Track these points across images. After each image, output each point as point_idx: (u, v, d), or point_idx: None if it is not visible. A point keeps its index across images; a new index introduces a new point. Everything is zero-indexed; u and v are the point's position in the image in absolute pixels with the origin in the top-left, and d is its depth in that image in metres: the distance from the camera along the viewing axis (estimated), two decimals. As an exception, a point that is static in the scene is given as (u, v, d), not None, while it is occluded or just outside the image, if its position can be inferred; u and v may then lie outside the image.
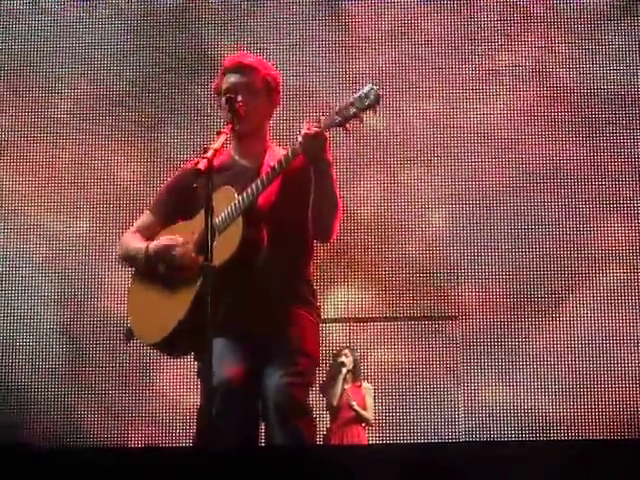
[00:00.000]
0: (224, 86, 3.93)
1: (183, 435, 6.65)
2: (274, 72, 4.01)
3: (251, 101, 3.87)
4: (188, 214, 3.86)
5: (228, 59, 4.01)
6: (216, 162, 3.52)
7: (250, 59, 4.00)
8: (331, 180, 3.73)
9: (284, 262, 3.78)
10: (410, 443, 6.09)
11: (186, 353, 3.93)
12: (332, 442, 6.74)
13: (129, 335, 3.96)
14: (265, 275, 3.70)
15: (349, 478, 2.86)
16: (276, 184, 3.77)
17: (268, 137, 4.01)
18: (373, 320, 7.40)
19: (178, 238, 3.81)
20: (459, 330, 7.22)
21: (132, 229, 4.05)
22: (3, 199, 7.54)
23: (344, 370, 7.00)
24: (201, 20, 7.75)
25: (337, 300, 7.24)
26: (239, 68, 3.94)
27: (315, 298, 3.92)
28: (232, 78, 3.93)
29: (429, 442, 6.45)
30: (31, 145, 7.58)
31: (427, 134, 7.48)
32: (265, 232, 3.72)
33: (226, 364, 3.61)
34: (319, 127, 3.63)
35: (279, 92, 4.01)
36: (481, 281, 7.31)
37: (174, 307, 3.76)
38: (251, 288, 3.71)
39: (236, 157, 3.96)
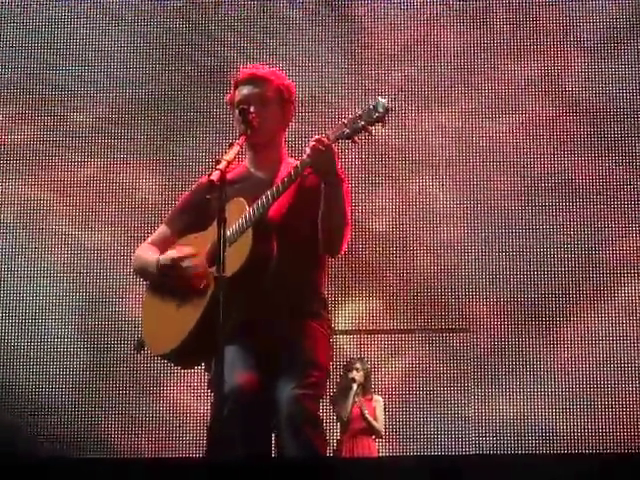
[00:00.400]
0: (237, 98, 3.94)
1: (195, 445, 6.66)
2: (288, 82, 4.01)
3: (264, 112, 3.86)
4: (202, 226, 3.86)
5: (241, 72, 4.02)
6: (231, 174, 3.53)
7: (263, 71, 4.00)
8: (341, 195, 3.72)
9: (295, 274, 3.77)
10: (420, 455, 6.07)
11: (196, 364, 3.94)
12: (342, 454, 6.72)
13: (139, 346, 3.97)
14: (275, 286, 3.70)
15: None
16: (288, 196, 3.77)
17: (283, 149, 4.01)
18: (384, 332, 7.38)
19: (188, 249, 3.81)
20: (470, 342, 7.20)
21: (147, 242, 4.07)
22: (27, 210, 7.60)
23: (355, 386, 6.97)
24: (216, 37, 7.79)
25: (348, 312, 7.24)
26: (252, 80, 3.94)
27: (326, 310, 3.92)
28: (245, 90, 3.93)
29: (439, 454, 6.42)
30: (53, 159, 7.64)
31: (439, 147, 7.46)
32: (275, 244, 3.72)
33: (237, 372, 3.60)
34: (328, 140, 3.63)
35: (293, 102, 4.01)
36: (492, 293, 7.29)
37: (185, 318, 3.76)
38: (261, 300, 3.71)
39: (251, 169, 3.97)
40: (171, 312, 3.84)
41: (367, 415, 6.90)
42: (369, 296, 7.39)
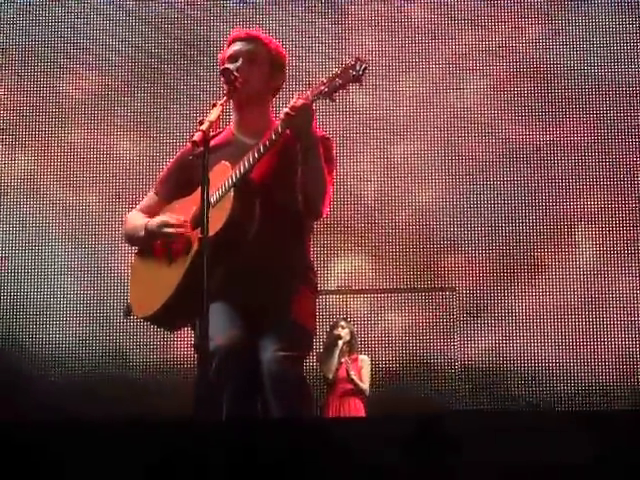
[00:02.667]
0: (227, 55, 3.86)
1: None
2: (281, 49, 3.94)
3: (251, 69, 3.79)
4: (188, 191, 3.80)
5: (236, 30, 3.94)
6: (216, 139, 3.47)
7: (257, 32, 3.93)
8: (317, 155, 3.65)
9: (279, 235, 3.71)
10: (407, 414, 6.03)
11: (180, 326, 3.89)
12: (329, 414, 6.70)
13: (127, 311, 3.92)
14: (259, 248, 3.63)
15: (348, 450, 2.80)
16: (271, 158, 3.71)
17: (271, 114, 3.92)
18: (369, 292, 7.39)
19: (174, 215, 3.75)
20: (454, 300, 7.25)
21: (136, 209, 4.01)
22: (20, 175, 7.67)
23: (340, 343, 6.94)
24: (201, 11, 7.79)
25: (334, 272, 7.26)
26: (245, 38, 3.88)
27: (312, 272, 3.87)
28: (236, 46, 3.86)
29: (427, 413, 6.40)
30: (43, 127, 7.72)
31: (414, 111, 7.58)
32: (258, 206, 3.65)
33: (223, 330, 3.55)
34: (307, 99, 3.56)
35: (284, 70, 3.93)
36: (471, 251, 7.42)
37: (168, 280, 3.71)
38: (244, 261, 3.65)
39: (237, 133, 3.89)
40: (155, 276, 3.80)
41: (353, 375, 6.87)
42: (354, 257, 7.42)
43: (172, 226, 3.71)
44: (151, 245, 3.82)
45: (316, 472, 2.80)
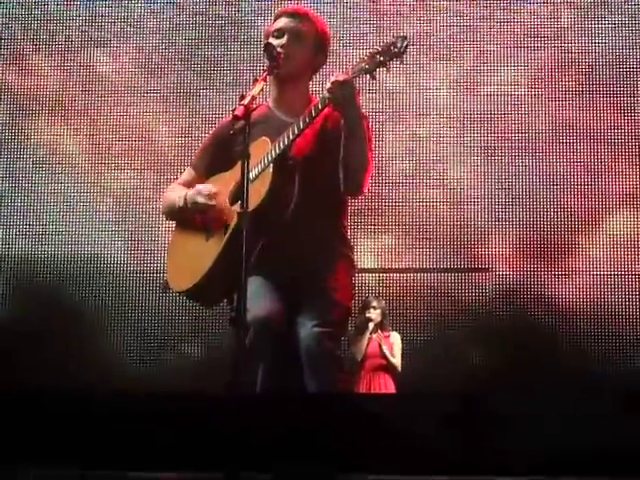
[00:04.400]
0: (273, 28, 3.83)
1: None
2: (327, 29, 3.89)
3: (295, 45, 3.76)
4: (226, 166, 3.77)
5: (285, 6, 3.91)
6: (255, 114, 3.42)
7: (306, 9, 3.89)
8: (361, 132, 3.61)
9: (318, 212, 3.68)
10: (437, 392, 6.01)
11: (218, 301, 3.85)
12: (360, 390, 6.68)
13: (165, 287, 3.90)
14: (297, 223, 3.61)
15: (381, 426, 2.79)
16: (311, 135, 3.69)
17: (309, 92, 3.88)
18: (403, 271, 7.36)
19: (211, 187, 3.72)
20: (488, 281, 7.23)
21: (174, 183, 3.99)
22: (56, 153, 7.64)
23: (371, 325, 6.91)
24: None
25: (366, 251, 7.24)
26: (293, 13, 3.84)
27: (349, 249, 3.84)
28: (283, 22, 3.82)
29: (458, 391, 6.38)
30: (84, 104, 7.68)
31: (448, 92, 7.52)
32: (297, 181, 3.63)
33: (262, 303, 3.53)
34: (347, 75, 3.51)
35: (326, 51, 3.89)
36: (505, 232, 7.35)
37: (206, 255, 3.69)
38: (282, 236, 3.63)
39: (274, 109, 3.85)
40: (193, 250, 3.77)
41: (385, 350, 6.84)
42: (388, 236, 7.39)
43: (212, 199, 3.68)
44: (189, 220, 3.79)
45: (350, 447, 2.79)
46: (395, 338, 6.94)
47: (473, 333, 7.00)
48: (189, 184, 3.88)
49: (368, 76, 3.51)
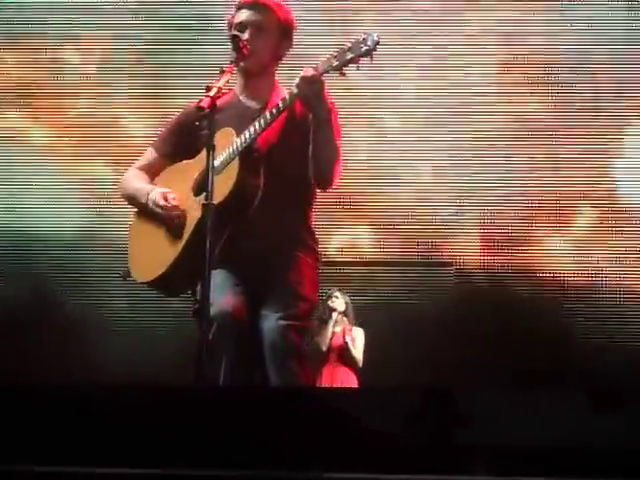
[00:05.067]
0: (236, 21, 3.78)
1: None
2: (289, 16, 3.84)
3: (259, 39, 3.71)
4: (189, 153, 3.73)
5: None
6: (220, 101, 3.38)
7: None
8: (330, 127, 3.59)
9: (283, 205, 3.65)
10: (401, 385, 6.00)
11: (181, 291, 3.81)
12: (321, 383, 6.65)
13: (125, 274, 3.86)
14: (263, 217, 3.57)
15: (344, 421, 2.76)
16: (277, 127, 3.65)
17: (275, 79, 3.86)
18: (366, 264, 7.35)
19: (173, 195, 3.69)
20: (451, 275, 7.24)
21: (135, 166, 3.94)
22: (30, 146, 7.66)
23: (334, 315, 6.89)
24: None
25: (331, 243, 7.23)
26: (254, 4, 3.77)
27: (315, 242, 3.82)
28: (244, 15, 3.76)
29: (422, 383, 6.37)
30: (53, 98, 7.68)
31: (414, 86, 7.55)
32: (262, 175, 3.59)
33: (225, 296, 3.49)
34: (317, 71, 3.48)
35: (291, 37, 3.84)
36: (469, 227, 7.40)
37: (170, 245, 3.66)
38: (246, 228, 3.58)
39: (241, 97, 3.82)
40: (157, 239, 3.73)
41: (349, 342, 6.81)
42: (353, 228, 7.38)
43: (168, 209, 3.66)
44: (151, 210, 3.75)
45: (312, 443, 2.76)
46: (358, 332, 6.92)
47: (438, 327, 6.98)
48: (151, 168, 3.86)
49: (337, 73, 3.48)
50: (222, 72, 3.47)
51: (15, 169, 7.63)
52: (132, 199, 3.86)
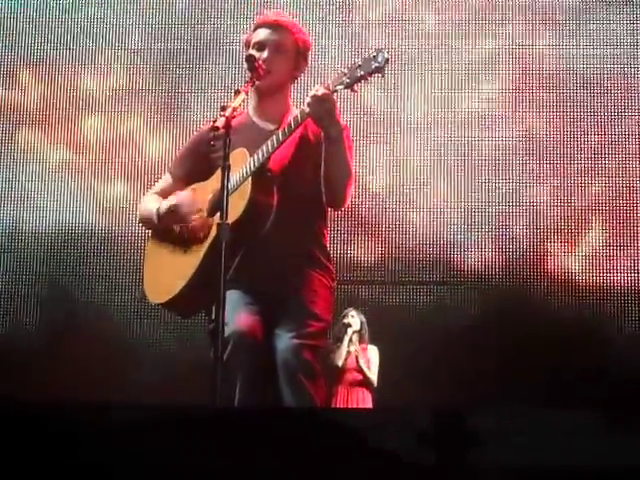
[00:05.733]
0: (253, 40, 3.78)
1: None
2: (306, 37, 3.84)
3: (276, 59, 3.72)
4: (205, 174, 3.73)
5: (263, 15, 3.86)
6: (234, 122, 3.38)
7: (284, 19, 3.84)
8: (342, 145, 3.57)
9: (297, 224, 3.64)
10: (419, 407, 5.96)
11: (196, 312, 3.81)
12: (336, 404, 6.61)
13: (142, 296, 3.86)
14: (277, 237, 3.56)
15: (358, 442, 2.73)
16: (290, 146, 3.64)
17: (289, 100, 3.85)
18: (383, 284, 7.34)
19: (186, 195, 3.68)
20: (463, 295, 7.20)
21: (151, 191, 3.94)
22: (46, 164, 7.69)
23: (350, 331, 6.85)
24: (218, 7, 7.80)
25: (345, 264, 7.22)
26: (272, 25, 3.78)
27: (329, 261, 3.79)
28: (262, 34, 3.78)
29: (437, 405, 6.32)
30: (73, 118, 7.72)
31: (422, 110, 7.58)
32: (276, 193, 3.58)
33: (239, 316, 3.48)
34: (328, 89, 3.47)
35: (307, 58, 3.85)
36: (481, 247, 7.38)
37: (184, 266, 3.65)
38: (260, 248, 3.57)
39: (254, 118, 3.81)
40: (171, 261, 3.73)
41: (362, 364, 6.78)
42: (367, 248, 7.37)
43: (185, 209, 3.66)
44: (166, 230, 3.75)
45: (326, 464, 2.73)
46: (372, 352, 6.88)
47: (451, 347, 6.95)
48: (167, 192, 3.85)
49: (348, 90, 3.47)
50: (237, 92, 3.46)
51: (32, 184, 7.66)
52: (147, 221, 3.87)
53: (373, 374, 6.78)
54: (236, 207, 3.44)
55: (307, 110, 3.48)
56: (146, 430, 2.74)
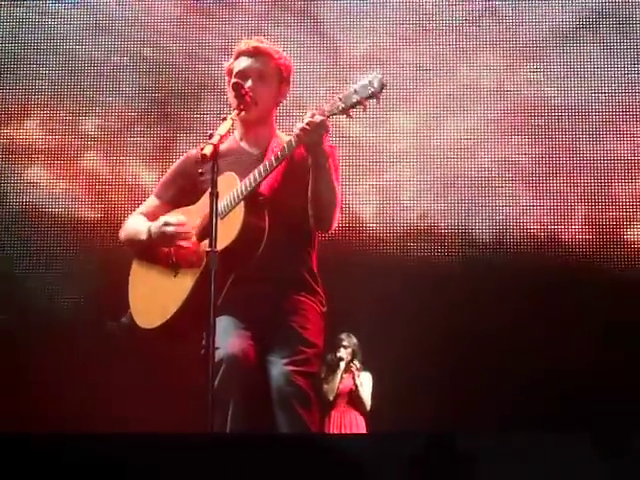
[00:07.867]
0: (236, 69, 3.75)
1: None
2: (287, 62, 3.82)
3: (260, 87, 3.69)
4: (191, 199, 3.69)
5: (243, 42, 3.83)
6: (222, 146, 3.34)
7: (265, 45, 3.81)
8: (327, 169, 3.53)
9: (287, 249, 3.60)
10: (410, 431, 5.89)
11: (185, 339, 3.74)
12: (329, 429, 6.58)
13: (129, 320, 3.79)
14: (268, 262, 3.50)
15: (353, 467, 2.69)
16: (279, 171, 3.60)
17: (274, 125, 3.83)
18: (376, 308, 7.31)
19: (180, 218, 3.63)
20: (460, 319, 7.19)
21: (136, 212, 3.89)
22: (47, 198, 7.67)
23: (342, 365, 6.83)
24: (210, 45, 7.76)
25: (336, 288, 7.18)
26: (253, 53, 3.76)
27: (319, 286, 3.74)
28: (244, 62, 3.75)
29: (432, 431, 6.26)
30: (72, 157, 7.70)
31: (407, 142, 7.53)
32: (267, 219, 3.54)
33: (231, 340, 3.43)
34: (323, 115, 3.43)
35: (289, 82, 3.83)
36: (469, 274, 7.26)
37: (174, 293, 3.59)
38: (253, 275, 3.51)
39: (241, 143, 3.79)
40: (160, 286, 3.67)
41: (360, 385, 6.75)
42: (354, 273, 7.34)
43: (177, 229, 3.59)
44: (153, 252, 3.70)
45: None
46: (365, 377, 6.84)
47: (447, 372, 6.90)
48: (153, 213, 3.79)
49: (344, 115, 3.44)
50: (223, 119, 3.43)
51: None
52: (132, 239, 3.78)
53: (366, 398, 6.75)
54: (229, 232, 3.40)
55: (302, 135, 3.45)
56: (137, 459, 2.69)
